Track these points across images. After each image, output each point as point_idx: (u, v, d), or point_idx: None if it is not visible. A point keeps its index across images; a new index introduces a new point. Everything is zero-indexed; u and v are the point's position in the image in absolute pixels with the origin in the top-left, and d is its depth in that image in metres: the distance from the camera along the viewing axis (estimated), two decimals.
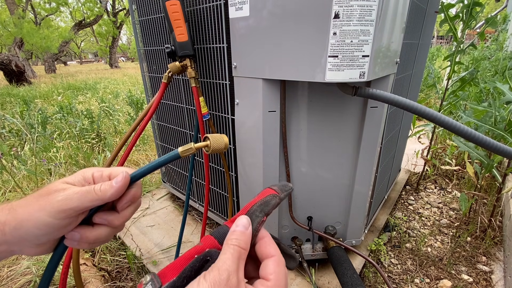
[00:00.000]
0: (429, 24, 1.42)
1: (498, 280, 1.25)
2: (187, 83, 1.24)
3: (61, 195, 0.31)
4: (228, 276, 0.25)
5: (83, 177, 0.34)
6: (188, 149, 0.37)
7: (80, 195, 0.31)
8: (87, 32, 29.17)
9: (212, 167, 1.31)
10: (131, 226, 1.56)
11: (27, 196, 0.33)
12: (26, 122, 3.10)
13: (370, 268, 1.27)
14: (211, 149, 0.40)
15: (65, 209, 0.30)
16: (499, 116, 1.37)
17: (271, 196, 0.33)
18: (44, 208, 0.30)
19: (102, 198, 0.32)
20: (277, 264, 0.29)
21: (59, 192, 0.31)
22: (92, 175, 0.35)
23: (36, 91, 6.28)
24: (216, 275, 0.25)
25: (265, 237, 0.31)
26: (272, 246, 0.31)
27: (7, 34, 11.10)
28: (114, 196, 0.33)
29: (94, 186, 0.33)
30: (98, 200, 0.32)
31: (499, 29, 5.38)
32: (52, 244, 0.34)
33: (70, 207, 0.31)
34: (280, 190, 0.33)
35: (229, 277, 0.25)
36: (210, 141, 0.40)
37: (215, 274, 0.25)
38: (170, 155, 0.36)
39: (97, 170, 0.35)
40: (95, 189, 0.32)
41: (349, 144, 1.02)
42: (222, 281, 0.24)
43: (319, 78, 0.76)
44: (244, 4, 0.80)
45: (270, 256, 0.30)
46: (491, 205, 1.53)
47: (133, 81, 8.22)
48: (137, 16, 1.36)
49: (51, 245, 0.34)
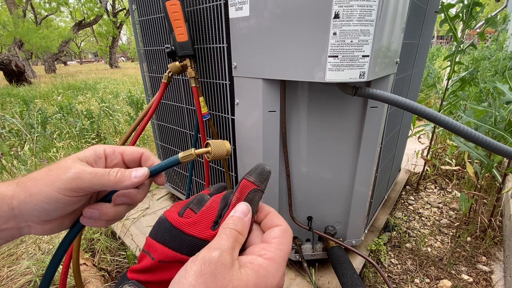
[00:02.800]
0: (429, 24, 1.42)
1: (498, 280, 1.25)
2: (187, 83, 1.24)
3: (72, 172, 0.29)
4: (220, 253, 0.23)
5: (94, 153, 0.33)
6: (188, 155, 0.37)
7: (93, 177, 0.29)
8: (87, 32, 29.18)
9: (212, 167, 1.31)
10: (131, 226, 1.56)
11: (36, 170, 0.31)
12: (26, 122, 3.10)
13: (370, 268, 1.27)
14: (211, 155, 0.39)
15: (75, 188, 0.29)
16: (499, 116, 1.37)
17: (253, 192, 0.30)
18: (53, 183, 0.29)
19: (116, 186, 0.31)
20: (283, 232, 0.28)
21: (70, 169, 0.29)
22: (104, 151, 0.33)
23: (36, 91, 6.28)
24: (206, 253, 0.23)
25: (271, 212, 0.31)
26: (279, 218, 0.30)
27: (7, 34, 11.11)
28: (128, 188, 0.32)
29: (110, 171, 0.31)
30: (110, 187, 0.31)
31: (499, 29, 5.38)
32: (60, 221, 0.32)
33: (81, 186, 0.29)
34: (259, 182, 0.31)
35: (222, 254, 0.23)
36: (211, 147, 0.39)
37: (205, 253, 0.23)
38: (170, 160, 0.35)
39: (109, 146, 0.34)
40: (111, 175, 0.30)
41: (349, 144, 1.02)
42: (213, 259, 0.23)
43: (319, 78, 0.76)
44: (244, 4, 0.80)
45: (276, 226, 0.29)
46: (491, 205, 1.53)
47: (133, 81, 8.22)
48: (137, 16, 1.36)
49: (60, 223, 0.32)
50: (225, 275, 0.22)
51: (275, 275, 0.25)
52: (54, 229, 0.32)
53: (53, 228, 0.32)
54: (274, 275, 0.24)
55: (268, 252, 0.26)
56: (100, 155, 0.33)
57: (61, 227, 0.33)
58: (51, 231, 0.32)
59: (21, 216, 0.29)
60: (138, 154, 0.35)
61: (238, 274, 0.23)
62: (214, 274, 0.22)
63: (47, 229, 0.32)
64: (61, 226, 0.33)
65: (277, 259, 0.26)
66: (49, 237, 1.51)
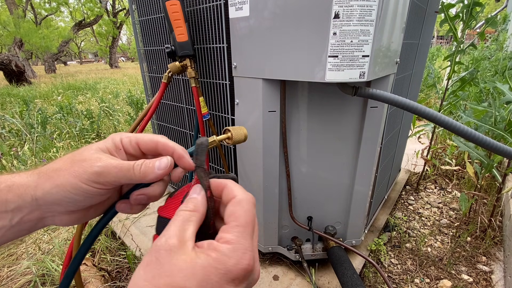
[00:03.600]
0: (429, 24, 1.42)
1: (498, 280, 1.25)
2: (187, 83, 1.24)
3: (98, 165, 0.29)
4: (166, 238, 0.23)
5: (114, 143, 0.32)
6: (211, 142, 0.37)
7: (118, 171, 0.29)
8: (87, 32, 29.19)
9: (212, 167, 1.31)
10: (131, 226, 1.56)
11: (56, 160, 0.31)
12: (26, 122, 3.10)
13: (370, 268, 1.27)
14: (232, 140, 0.39)
15: (102, 181, 0.29)
16: (499, 116, 1.37)
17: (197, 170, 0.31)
18: (79, 175, 0.28)
19: (141, 179, 0.30)
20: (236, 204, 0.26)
21: (95, 162, 0.29)
22: (121, 141, 0.33)
23: (36, 91, 6.28)
24: (154, 244, 0.23)
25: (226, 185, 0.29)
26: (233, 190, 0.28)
27: (7, 34, 11.11)
28: (153, 180, 0.31)
29: (135, 165, 0.30)
30: (136, 180, 0.30)
31: (499, 29, 5.38)
32: (86, 212, 0.32)
33: (107, 180, 0.29)
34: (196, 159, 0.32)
35: (168, 239, 0.23)
36: (231, 133, 0.39)
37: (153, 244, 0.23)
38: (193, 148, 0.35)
39: (126, 136, 0.33)
40: (135, 169, 0.30)
41: (349, 144, 1.02)
42: (159, 245, 0.22)
43: (319, 78, 0.76)
44: (244, 4, 0.80)
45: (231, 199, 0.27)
46: (491, 205, 1.53)
47: (133, 81, 8.22)
48: (137, 16, 1.36)
49: (85, 213, 0.32)
50: (171, 259, 0.22)
51: (231, 256, 0.22)
52: (79, 219, 0.32)
53: (78, 218, 0.32)
54: (230, 256, 0.22)
55: (225, 234, 0.24)
56: (119, 146, 0.33)
57: (85, 217, 0.33)
58: (75, 221, 0.32)
59: (46, 207, 0.29)
60: (153, 144, 0.33)
61: (185, 256, 0.22)
62: (159, 260, 0.22)
63: (72, 219, 0.31)
64: (86, 216, 0.33)
65: (234, 239, 0.24)
66: (49, 237, 1.51)
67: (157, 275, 0.21)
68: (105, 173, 0.29)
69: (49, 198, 0.28)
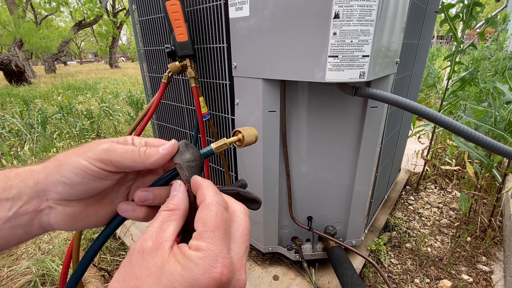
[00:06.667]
0: (429, 24, 1.42)
1: (498, 280, 1.25)
2: (187, 83, 1.24)
3: (105, 144, 0.30)
4: (141, 242, 0.23)
5: (124, 140, 0.34)
6: (222, 145, 0.36)
7: (124, 151, 0.30)
8: (87, 32, 29.19)
9: (212, 167, 1.31)
10: (131, 226, 1.56)
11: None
12: (26, 122, 3.10)
13: (370, 268, 1.27)
14: (243, 143, 0.38)
15: (106, 159, 0.29)
16: (499, 116, 1.37)
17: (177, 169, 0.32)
18: (85, 153, 0.29)
19: (144, 161, 0.31)
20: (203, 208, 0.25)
21: (103, 143, 0.30)
22: (133, 140, 0.34)
23: (36, 91, 6.28)
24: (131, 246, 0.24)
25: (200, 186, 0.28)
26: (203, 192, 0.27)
27: (7, 34, 11.11)
28: (157, 163, 0.31)
29: (140, 148, 0.31)
30: (140, 163, 0.30)
31: (499, 29, 5.38)
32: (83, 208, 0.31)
33: (111, 158, 0.29)
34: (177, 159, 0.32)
35: (142, 243, 0.23)
36: (243, 134, 0.38)
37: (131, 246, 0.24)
38: (204, 151, 0.35)
39: (137, 138, 0.35)
40: (140, 151, 0.31)
41: (349, 144, 1.02)
42: (133, 249, 0.23)
43: (319, 78, 0.76)
44: (244, 4, 0.80)
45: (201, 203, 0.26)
46: (491, 205, 1.53)
47: (133, 81, 8.22)
48: (137, 16, 1.36)
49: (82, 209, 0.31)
50: (143, 262, 0.22)
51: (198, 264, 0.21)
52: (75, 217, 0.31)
53: (75, 215, 0.31)
54: (197, 264, 0.21)
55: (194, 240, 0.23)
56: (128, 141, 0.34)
57: (82, 217, 0.32)
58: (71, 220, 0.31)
59: (43, 193, 0.29)
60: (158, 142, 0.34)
61: (157, 259, 0.22)
62: (131, 262, 0.22)
63: (68, 214, 0.31)
64: (83, 215, 0.32)
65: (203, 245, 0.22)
66: (49, 237, 1.51)
67: (127, 278, 0.21)
68: (111, 151, 0.29)
69: (49, 179, 0.29)
